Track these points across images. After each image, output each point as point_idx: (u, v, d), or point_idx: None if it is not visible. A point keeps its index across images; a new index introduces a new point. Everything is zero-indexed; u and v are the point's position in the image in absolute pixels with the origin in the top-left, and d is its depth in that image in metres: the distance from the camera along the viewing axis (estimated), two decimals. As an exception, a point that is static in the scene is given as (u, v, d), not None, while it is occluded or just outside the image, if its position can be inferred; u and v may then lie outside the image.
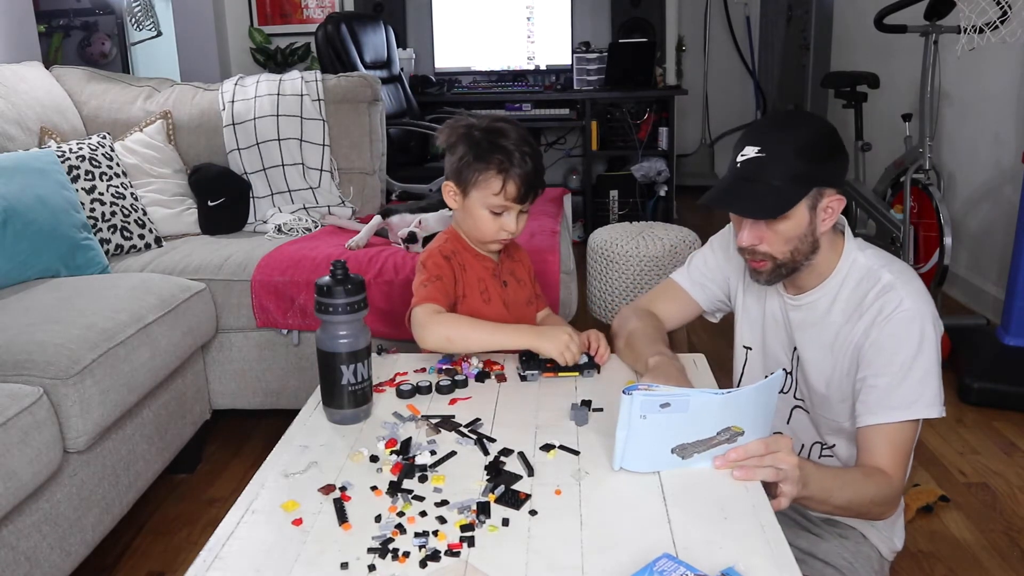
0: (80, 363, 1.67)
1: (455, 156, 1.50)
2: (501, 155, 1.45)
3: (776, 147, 1.25)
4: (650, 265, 2.62)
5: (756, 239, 1.30)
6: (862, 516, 1.32)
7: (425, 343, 1.46)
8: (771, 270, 1.32)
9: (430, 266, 1.54)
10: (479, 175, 1.47)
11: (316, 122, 2.83)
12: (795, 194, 1.24)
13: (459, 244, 1.58)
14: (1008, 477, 2.21)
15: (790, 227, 1.27)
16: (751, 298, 1.48)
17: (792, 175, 1.24)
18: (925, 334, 1.24)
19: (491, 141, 1.46)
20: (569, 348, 1.41)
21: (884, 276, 1.28)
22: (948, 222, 2.99)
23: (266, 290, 2.28)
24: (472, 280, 1.56)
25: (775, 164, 1.24)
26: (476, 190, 1.49)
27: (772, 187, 1.24)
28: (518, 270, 1.66)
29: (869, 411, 1.26)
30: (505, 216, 1.50)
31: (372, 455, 1.18)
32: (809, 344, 1.37)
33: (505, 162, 1.45)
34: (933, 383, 1.25)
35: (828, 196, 1.27)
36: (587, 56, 4.65)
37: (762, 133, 1.29)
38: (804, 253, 1.30)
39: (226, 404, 2.41)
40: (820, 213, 1.27)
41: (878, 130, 4.08)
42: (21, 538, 1.52)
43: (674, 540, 0.97)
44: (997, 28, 2.71)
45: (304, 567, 0.94)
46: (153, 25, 4.80)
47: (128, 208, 2.47)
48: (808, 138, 1.25)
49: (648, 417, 1.05)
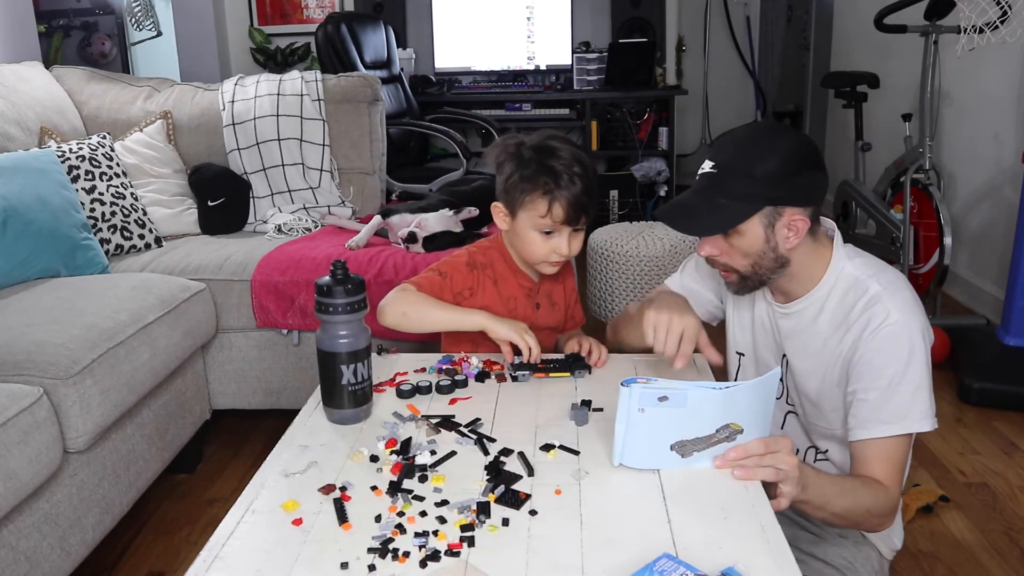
0: (80, 363, 1.67)
1: (503, 175, 1.47)
2: (548, 176, 1.42)
3: (730, 164, 1.24)
4: (650, 265, 2.62)
5: (714, 251, 1.30)
6: (858, 526, 1.31)
7: (383, 318, 1.45)
8: (737, 281, 1.32)
9: (445, 263, 1.53)
10: (525, 196, 1.44)
11: (316, 122, 2.83)
12: (741, 212, 1.23)
13: (499, 257, 1.56)
14: (1008, 477, 2.22)
15: (745, 243, 1.26)
16: (742, 304, 1.47)
17: (741, 193, 1.22)
18: (914, 347, 1.23)
19: (539, 161, 1.43)
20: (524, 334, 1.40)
21: (872, 287, 1.26)
22: (948, 222, 2.99)
23: (266, 290, 2.28)
24: (503, 296, 1.55)
25: (725, 181, 1.24)
26: (523, 211, 1.46)
27: (717, 204, 1.24)
28: (556, 293, 1.63)
29: (860, 425, 1.26)
30: (556, 237, 1.47)
31: (372, 455, 1.18)
32: (797, 352, 1.37)
33: (551, 183, 1.41)
34: (924, 396, 1.24)
35: (788, 215, 1.23)
36: (587, 56, 4.65)
37: (723, 148, 1.27)
38: (768, 268, 1.28)
39: (226, 404, 2.41)
40: (781, 231, 1.24)
41: (878, 130, 4.08)
42: (21, 538, 1.52)
43: (674, 540, 0.97)
44: (997, 28, 2.71)
45: (304, 567, 0.94)
46: (153, 25, 4.80)
47: (128, 208, 2.47)
48: (766, 155, 1.22)
49: (647, 411, 1.06)
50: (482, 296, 1.54)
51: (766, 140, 1.25)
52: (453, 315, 1.46)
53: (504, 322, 1.43)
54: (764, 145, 1.24)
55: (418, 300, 1.47)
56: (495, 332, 1.42)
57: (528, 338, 1.41)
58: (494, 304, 1.54)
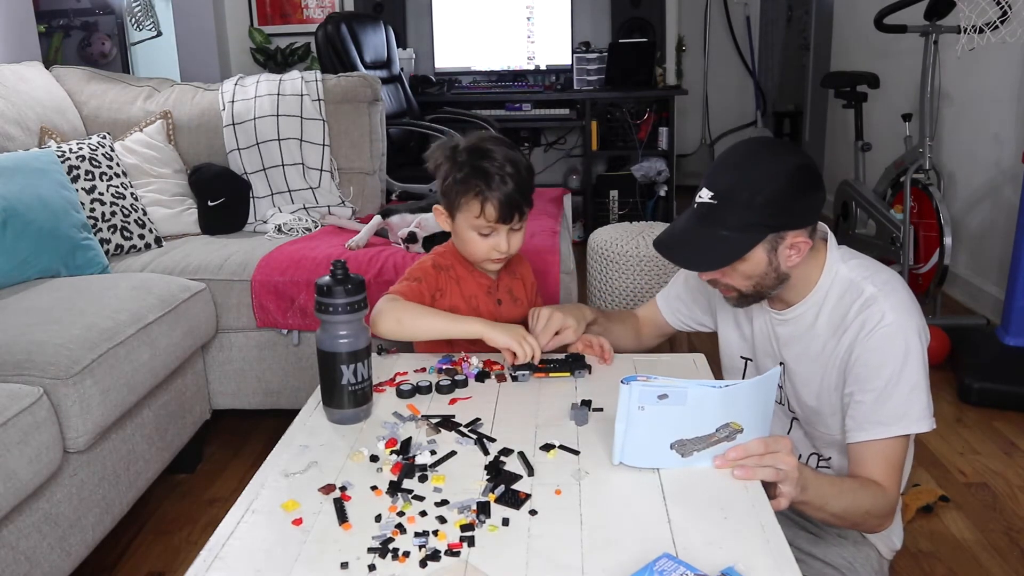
0: (80, 363, 1.67)
1: (440, 178, 1.49)
2: (479, 178, 1.43)
3: (730, 194, 1.22)
4: (650, 265, 2.61)
5: (716, 274, 1.30)
6: (857, 527, 1.31)
7: (377, 327, 1.44)
8: (737, 298, 1.33)
9: (415, 269, 1.56)
10: (460, 198, 1.46)
11: (316, 122, 2.83)
12: (745, 243, 1.22)
13: (455, 259, 1.58)
14: (1008, 477, 2.22)
15: (748, 267, 1.26)
16: (738, 315, 1.47)
17: (744, 223, 1.21)
18: (909, 347, 1.23)
19: (472, 164, 1.45)
20: (526, 340, 1.40)
21: (867, 289, 1.26)
22: (948, 222, 2.99)
23: (266, 290, 2.28)
24: (465, 295, 1.56)
25: (726, 212, 1.22)
26: (460, 213, 1.49)
27: (720, 237, 1.22)
28: (516, 288, 1.65)
29: (858, 427, 1.26)
30: (494, 236, 1.49)
31: (372, 455, 1.18)
32: (796, 358, 1.37)
33: (482, 185, 1.43)
34: (921, 397, 1.24)
35: (791, 237, 1.23)
36: (587, 56, 4.65)
37: (720, 175, 1.25)
38: (769, 286, 1.29)
39: (226, 404, 2.41)
40: (784, 251, 1.24)
41: (878, 130, 4.08)
42: (21, 538, 1.52)
43: (674, 540, 0.97)
44: (997, 28, 2.71)
45: (304, 567, 0.94)
46: (153, 25, 4.80)
47: (128, 208, 2.47)
48: (766, 182, 1.20)
49: (646, 409, 1.06)
50: (449, 296, 1.55)
51: (766, 163, 1.23)
52: (449, 323, 1.45)
53: (501, 329, 1.42)
54: (764, 170, 1.22)
55: (412, 308, 1.46)
56: (494, 341, 1.41)
57: (526, 344, 1.40)
58: (459, 304, 1.55)
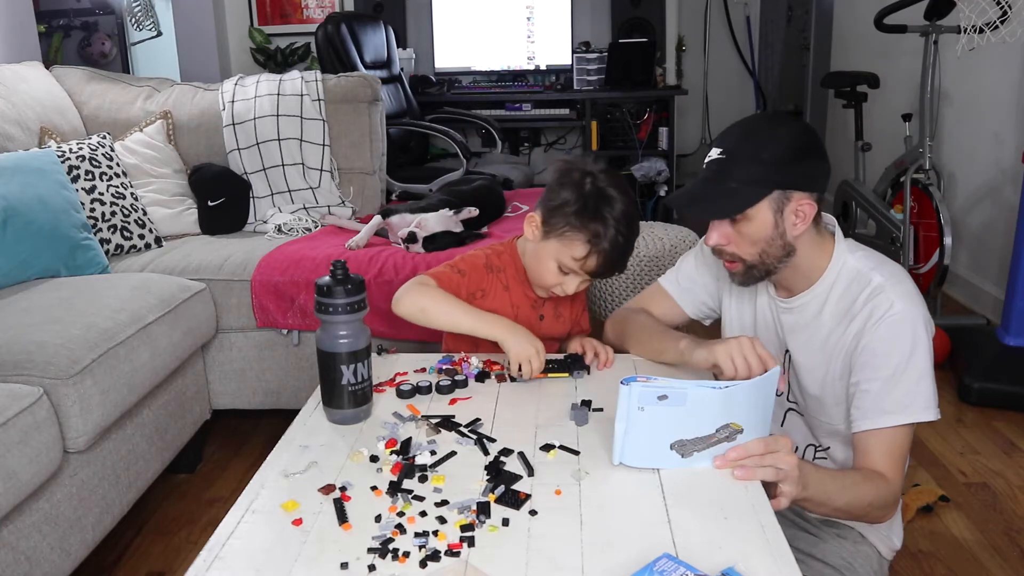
0: (80, 363, 1.67)
1: (557, 197, 1.44)
2: (599, 225, 1.40)
3: (737, 149, 1.26)
4: (650, 265, 2.62)
5: (723, 239, 1.30)
6: (860, 519, 1.32)
7: (398, 307, 1.44)
8: (743, 271, 1.33)
9: (463, 261, 1.52)
10: (569, 231, 1.42)
11: (316, 122, 2.83)
12: (752, 195, 1.24)
13: (512, 263, 1.55)
14: (1008, 477, 2.22)
15: (754, 229, 1.26)
16: (742, 302, 1.47)
17: (751, 177, 1.24)
18: (917, 336, 1.24)
19: (596, 206, 1.41)
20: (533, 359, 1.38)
21: (874, 278, 1.27)
22: (948, 222, 2.99)
23: (266, 290, 2.28)
24: (512, 301, 1.54)
25: (734, 166, 1.25)
26: (559, 241, 1.44)
27: (729, 188, 1.25)
28: (563, 306, 1.62)
29: (864, 416, 1.26)
30: (571, 277, 1.47)
31: (372, 455, 1.18)
32: (801, 347, 1.37)
33: (600, 234, 1.40)
34: (927, 385, 1.24)
35: (796, 200, 1.25)
36: (587, 56, 4.65)
37: (729, 136, 1.29)
38: (775, 256, 1.29)
39: (226, 404, 2.41)
40: (789, 216, 1.26)
41: (878, 130, 4.07)
42: (21, 538, 1.52)
43: (674, 540, 0.97)
44: (997, 28, 2.71)
45: (304, 567, 0.94)
46: (153, 25, 4.80)
47: (128, 208, 2.47)
48: (773, 141, 1.24)
49: (646, 409, 1.06)
50: (493, 299, 1.54)
51: (772, 127, 1.27)
52: (474, 321, 1.44)
53: (519, 340, 1.40)
54: (770, 131, 1.26)
55: (440, 298, 1.45)
56: (509, 352, 1.40)
57: (535, 363, 1.39)
58: (502, 309, 1.53)
